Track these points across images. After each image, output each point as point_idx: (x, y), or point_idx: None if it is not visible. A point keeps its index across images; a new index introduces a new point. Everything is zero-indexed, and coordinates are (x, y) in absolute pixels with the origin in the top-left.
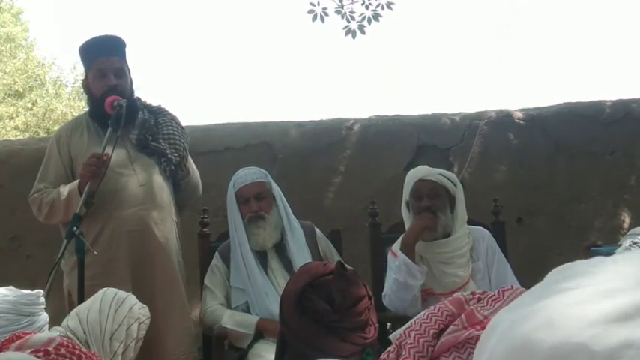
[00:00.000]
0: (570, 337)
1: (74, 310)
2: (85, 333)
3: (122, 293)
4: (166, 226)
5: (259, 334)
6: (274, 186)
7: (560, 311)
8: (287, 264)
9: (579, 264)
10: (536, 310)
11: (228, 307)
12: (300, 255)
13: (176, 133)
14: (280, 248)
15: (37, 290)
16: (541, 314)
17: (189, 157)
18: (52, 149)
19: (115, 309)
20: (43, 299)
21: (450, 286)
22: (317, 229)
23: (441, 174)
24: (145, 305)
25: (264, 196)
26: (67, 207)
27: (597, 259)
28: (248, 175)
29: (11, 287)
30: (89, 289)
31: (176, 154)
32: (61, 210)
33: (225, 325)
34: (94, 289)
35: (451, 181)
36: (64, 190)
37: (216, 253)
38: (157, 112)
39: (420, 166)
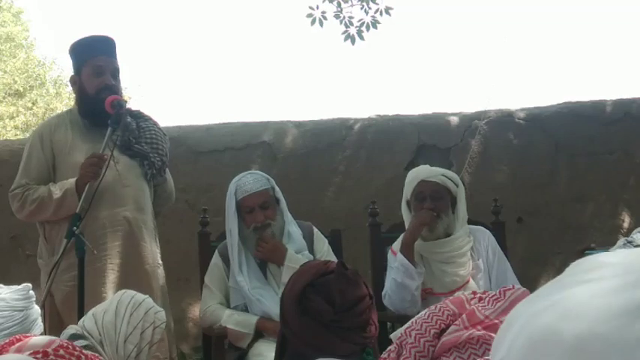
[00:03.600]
0: (593, 328)
1: (91, 311)
2: (100, 334)
3: (139, 297)
4: (148, 227)
5: (259, 333)
6: (277, 188)
7: (583, 302)
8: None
9: (600, 256)
10: (557, 301)
11: (228, 306)
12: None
13: (159, 137)
14: None
15: (24, 284)
16: (563, 305)
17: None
18: (33, 145)
19: (131, 312)
20: (32, 292)
21: (451, 285)
22: (316, 230)
23: (443, 175)
24: (161, 309)
25: (269, 204)
26: (60, 206)
27: (619, 251)
28: (252, 183)
29: (0, 285)
30: (71, 289)
31: (158, 159)
32: (50, 209)
33: (226, 324)
34: (76, 291)
35: (453, 182)
36: (56, 188)
37: (216, 251)
38: (138, 117)
39: (421, 166)
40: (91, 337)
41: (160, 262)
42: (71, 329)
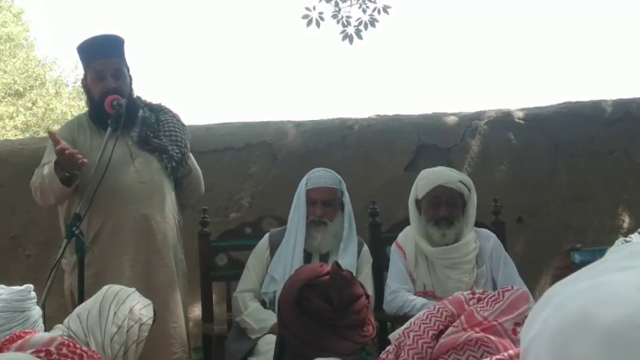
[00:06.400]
0: (632, 316)
1: (75, 311)
2: (85, 335)
3: (123, 293)
4: (167, 223)
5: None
6: (346, 194)
7: (624, 289)
8: None
9: None
10: (597, 285)
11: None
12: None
13: (177, 129)
14: (324, 256)
15: (26, 285)
16: (603, 289)
17: (191, 155)
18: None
19: (115, 311)
20: (33, 293)
21: (453, 291)
22: (365, 249)
23: (460, 181)
24: (149, 303)
25: (333, 203)
26: (51, 185)
27: None
28: (324, 177)
29: (2, 285)
30: (90, 287)
31: (177, 151)
32: (47, 189)
33: (246, 318)
34: (95, 288)
35: (467, 187)
36: (46, 169)
37: (267, 236)
38: (158, 110)
39: (439, 168)
40: (77, 339)
41: (182, 257)
42: (57, 329)
